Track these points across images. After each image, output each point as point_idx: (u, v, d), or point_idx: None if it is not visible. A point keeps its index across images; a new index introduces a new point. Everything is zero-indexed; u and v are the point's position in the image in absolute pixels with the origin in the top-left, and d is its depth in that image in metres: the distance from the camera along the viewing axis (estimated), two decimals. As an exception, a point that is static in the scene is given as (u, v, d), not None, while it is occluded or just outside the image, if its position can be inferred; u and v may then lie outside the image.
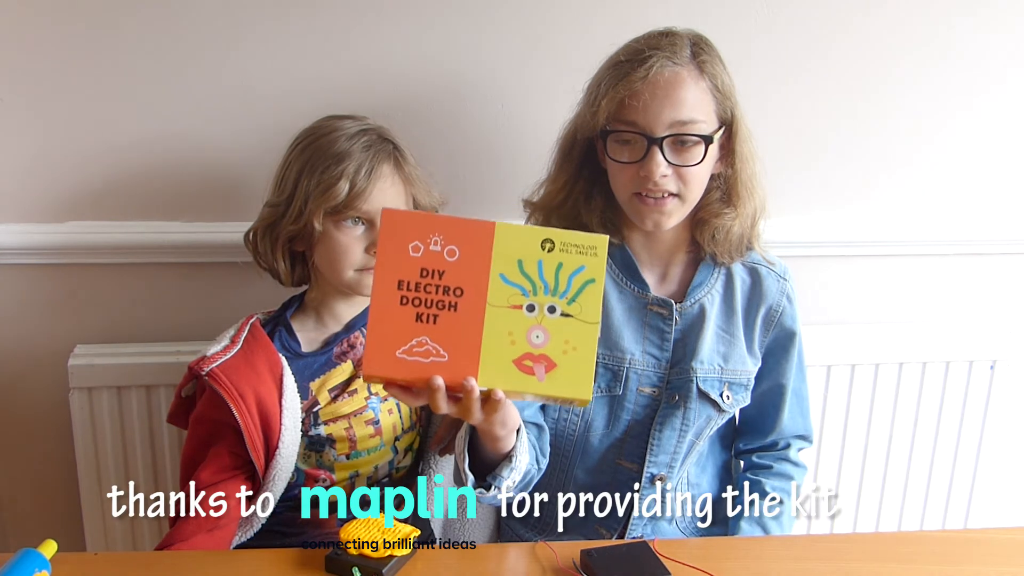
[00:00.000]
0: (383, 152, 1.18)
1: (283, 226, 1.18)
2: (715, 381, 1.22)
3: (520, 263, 0.88)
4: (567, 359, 0.89)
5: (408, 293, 0.88)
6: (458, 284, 0.88)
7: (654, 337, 1.22)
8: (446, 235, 0.88)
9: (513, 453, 1.04)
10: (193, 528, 1.10)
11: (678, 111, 1.10)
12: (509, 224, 0.88)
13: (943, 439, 1.63)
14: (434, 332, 0.89)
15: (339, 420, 1.19)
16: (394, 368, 0.89)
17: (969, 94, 1.52)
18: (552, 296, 0.88)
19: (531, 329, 0.89)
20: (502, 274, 0.88)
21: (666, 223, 1.16)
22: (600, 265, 0.88)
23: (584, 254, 0.88)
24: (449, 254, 0.88)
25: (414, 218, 0.90)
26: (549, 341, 0.89)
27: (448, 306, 0.88)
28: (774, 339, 1.27)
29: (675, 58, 1.11)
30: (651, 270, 1.25)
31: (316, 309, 1.26)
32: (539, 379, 0.89)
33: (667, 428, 1.21)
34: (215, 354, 1.15)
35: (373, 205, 1.16)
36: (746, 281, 1.26)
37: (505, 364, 0.89)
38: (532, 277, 0.88)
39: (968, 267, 1.63)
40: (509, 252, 0.88)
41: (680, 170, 1.13)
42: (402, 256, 0.88)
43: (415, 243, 0.88)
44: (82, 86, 1.37)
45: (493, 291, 0.88)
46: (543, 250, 0.88)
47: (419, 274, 0.88)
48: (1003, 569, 1.02)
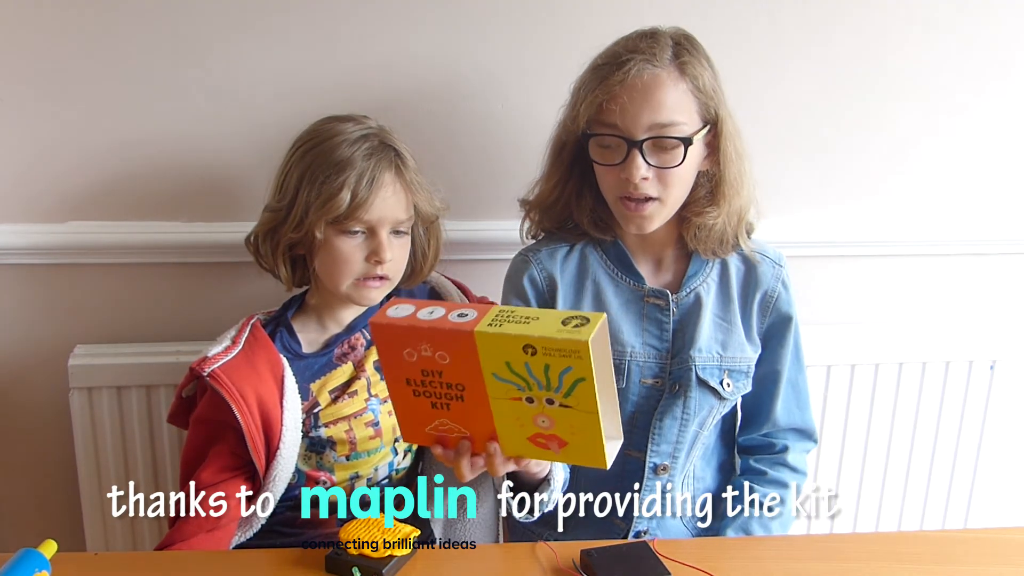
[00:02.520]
0: (385, 160, 1.17)
1: (284, 232, 1.18)
2: (714, 369, 1.22)
3: (508, 364, 0.86)
4: (576, 439, 0.89)
5: (417, 388, 0.91)
6: (458, 381, 0.89)
7: (653, 328, 1.22)
8: (432, 344, 0.87)
9: (549, 476, 1.08)
10: (193, 528, 1.10)
11: (657, 114, 1.11)
12: (487, 332, 0.85)
13: (943, 439, 1.63)
14: (451, 416, 0.93)
15: (339, 422, 1.19)
16: (427, 439, 0.96)
17: (969, 94, 1.52)
18: (547, 391, 0.87)
19: (536, 416, 0.89)
20: (495, 374, 0.87)
21: (648, 227, 1.18)
22: (586, 366, 0.83)
23: (568, 357, 0.83)
24: (440, 358, 0.88)
25: (400, 330, 0.88)
26: (555, 425, 0.89)
27: (455, 397, 0.91)
28: (771, 324, 1.27)
29: (654, 60, 1.11)
30: (645, 263, 1.26)
31: (317, 311, 1.25)
32: (555, 452, 0.92)
33: (668, 417, 1.21)
34: (216, 355, 1.14)
35: (374, 214, 1.15)
36: (740, 269, 1.26)
37: (521, 442, 0.92)
38: (523, 376, 0.87)
39: (968, 267, 1.63)
40: (495, 356, 0.86)
41: (661, 172, 1.13)
42: (400, 360, 0.90)
43: (407, 350, 0.89)
44: (82, 86, 1.37)
45: (491, 387, 0.89)
46: (527, 354, 0.85)
47: (421, 373, 0.90)
48: (1003, 569, 1.02)
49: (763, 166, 1.25)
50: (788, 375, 1.28)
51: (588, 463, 0.91)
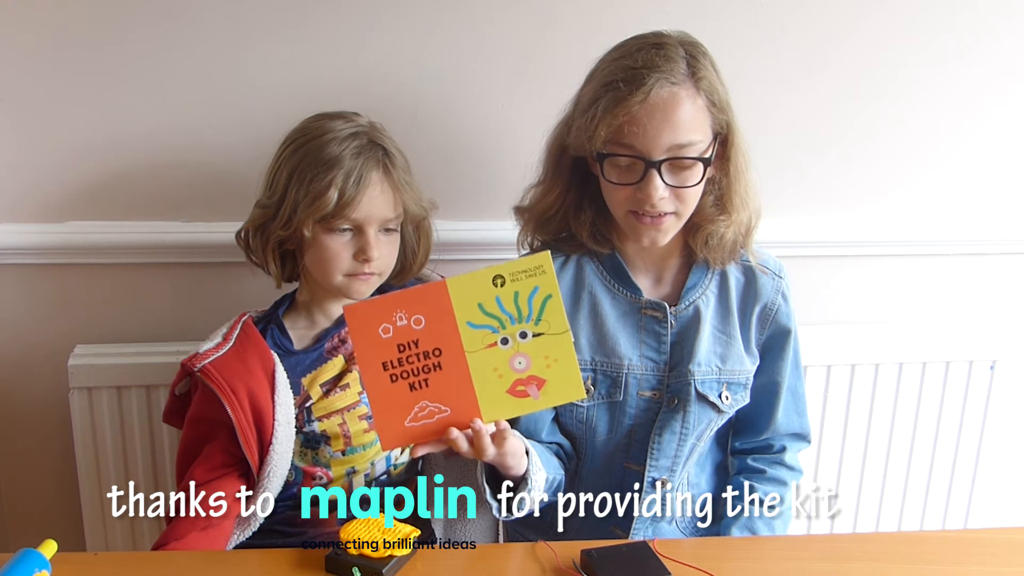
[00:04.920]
0: (372, 159, 1.17)
1: (273, 229, 1.18)
2: (713, 382, 1.21)
3: (480, 306, 0.95)
4: (552, 371, 0.98)
5: (395, 370, 0.96)
6: (434, 346, 0.96)
7: (651, 340, 1.22)
8: (407, 308, 0.95)
9: (527, 475, 1.09)
10: (187, 527, 1.10)
11: (676, 134, 1.08)
12: (457, 277, 0.95)
13: (943, 439, 1.63)
14: (431, 394, 0.97)
15: (332, 415, 1.19)
16: (407, 437, 0.99)
17: (969, 95, 1.52)
18: (519, 323, 0.96)
19: (512, 359, 0.97)
20: (469, 322, 0.96)
21: (662, 240, 1.16)
22: (551, 280, 0.96)
23: (533, 275, 0.95)
24: (416, 323, 0.95)
25: (374, 305, 0.97)
26: (531, 363, 0.98)
27: (433, 367, 0.97)
28: (770, 336, 1.26)
29: (672, 77, 1.08)
30: (645, 274, 1.25)
31: (307, 307, 1.26)
32: (535, 398, 0.99)
33: (667, 432, 1.21)
34: (207, 351, 1.15)
35: (362, 213, 1.16)
36: (740, 280, 1.25)
37: (501, 397, 0.98)
38: (495, 314, 0.96)
39: (968, 267, 1.63)
40: (467, 300, 0.95)
41: (678, 191, 1.12)
42: (376, 341, 0.95)
43: (383, 325, 0.95)
44: (82, 86, 1.37)
45: (467, 339, 0.96)
46: (496, 286, 0.95)
47: (397, 350, 0.96)
48: (1003, 569, 1.02)
49: (764, 167, 1.24)
50: (788, 383, 1.28)
51: (567, 398, 1.00)
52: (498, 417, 0.99)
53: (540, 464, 1.12)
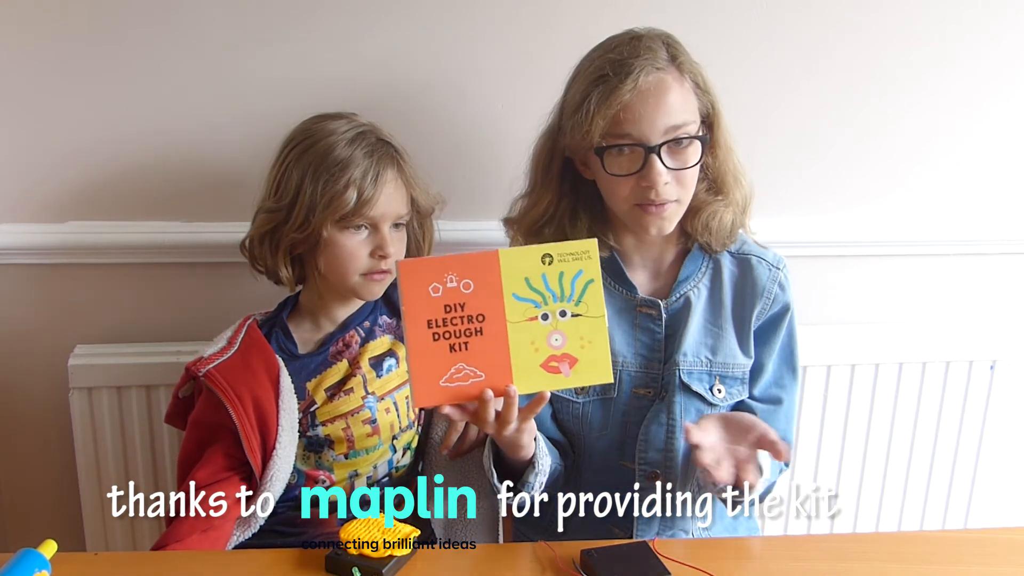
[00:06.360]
0: (386, 156, 1.18)
1: (285, 232, 1.18)
2: (702, 374, 1.21)
3: (527, 280, 0.99)
4: (585, 352, 1.01)
5: (438, 329, 0.99)
6: (479, 311, 0.99)
7: (644, 338, 1.22)
8: (459, 272, 0.99)
9: (534, 459, 1.11)
10: (188, 528, 1.09)
11: (670, 116, 1.10)
12: (510, 249, 1.00)
13: (943, 439, 1.63)
14: (468, 357, 0.99)
15: (336, 420, 1.19)
16: (441, 396, 1.00)
17: (969, 95, 1.52)
18: (561, 302, 1.00)
19: (549, 335, 1.00)
20: (514, 293, 0.99)
21: (668, 228, 1.17)
22: (595, 266, 1.00)
23: (580, 259, 1.00)
24: (465, 287, 0.99)
25: (429, 263, 1.00)
26: (567, 341, 1.01)
27: (475, 332, 0.99)
28: (766, 322, 1.25)
29: (657, 63, 1.11)
30: (643, 269, 1.25)
31: (312, 310, 1.26)
32: (565, 375, 1.01)
33: (654, 424, 1.21)
34: (212, 355, 1.15)
35: (379, 210, 1.16)
36: (734, 273, 1.25)
37: (534, 370, 1.00)
38: (540, 290, 1.00)
39: (968, 267, 1.63)
40: (516, 273, 0.99)
41: (678, 174, 1.13)
42: (425, 299, 0.98)
43: (434, 284, 0.98)
44: (82, 86, 1.37)
45: (510, 310, 1.00)
46: (544, 264, 1.00)
47: (443, 310, 0.99)
48: (1003, 569, 1.02)
49: (764, 167, 1.25)
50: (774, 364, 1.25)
51: (595, 379, 1.02)
52: (529, 390, 1.01)
53: (546, 450, 1.14)
